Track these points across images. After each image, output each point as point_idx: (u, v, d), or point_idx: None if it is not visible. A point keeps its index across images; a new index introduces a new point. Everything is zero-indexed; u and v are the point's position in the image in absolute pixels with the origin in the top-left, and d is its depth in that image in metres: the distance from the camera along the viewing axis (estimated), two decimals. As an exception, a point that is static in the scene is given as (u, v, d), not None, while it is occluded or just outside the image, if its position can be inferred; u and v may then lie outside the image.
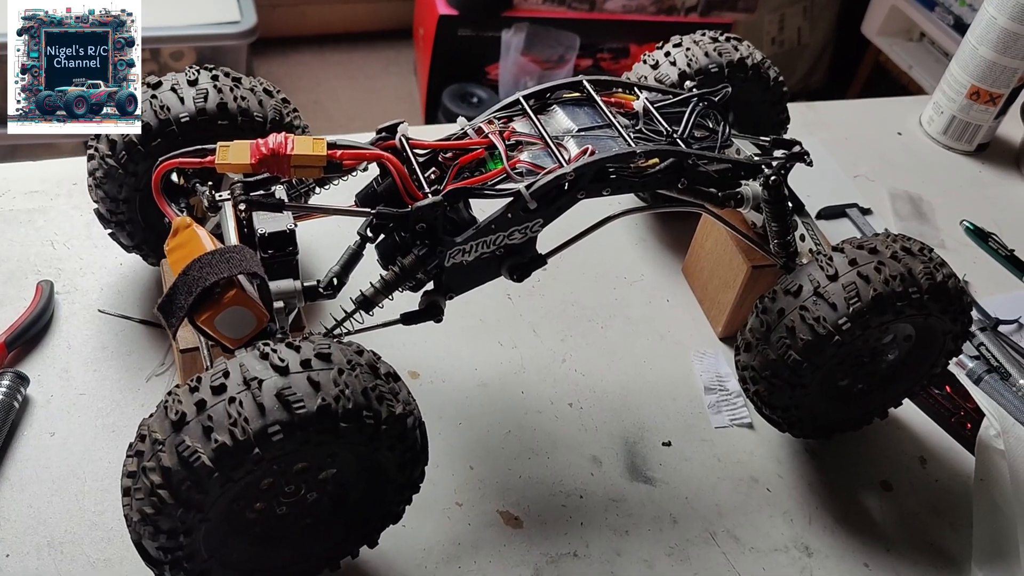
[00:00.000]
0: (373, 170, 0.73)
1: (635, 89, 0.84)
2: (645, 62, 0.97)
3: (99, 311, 0.89)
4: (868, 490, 0.87)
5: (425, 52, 2.35)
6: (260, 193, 0.70)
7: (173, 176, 0.76)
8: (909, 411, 0.93)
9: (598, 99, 0.80)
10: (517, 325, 0.95)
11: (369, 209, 0.71)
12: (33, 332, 0.84)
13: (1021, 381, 0.95)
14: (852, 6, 2.57)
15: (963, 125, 1.29)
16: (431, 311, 0.75)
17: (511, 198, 0.72)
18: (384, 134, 0.74)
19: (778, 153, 0.84)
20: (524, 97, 0.79)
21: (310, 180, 0.78)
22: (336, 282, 0.72)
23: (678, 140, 0.78)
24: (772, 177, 0.81)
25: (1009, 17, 1.18)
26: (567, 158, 0.74)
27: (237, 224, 0.70)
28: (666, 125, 0.79)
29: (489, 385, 0.89)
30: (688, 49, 0.95)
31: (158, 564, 0.60)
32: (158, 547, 0.59)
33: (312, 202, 0.81)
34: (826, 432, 0.87)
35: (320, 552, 0.68)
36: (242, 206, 0.69)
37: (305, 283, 0.71)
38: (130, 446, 0.59)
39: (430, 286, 0.75)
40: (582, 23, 2.29)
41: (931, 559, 0.82)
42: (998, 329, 1.02)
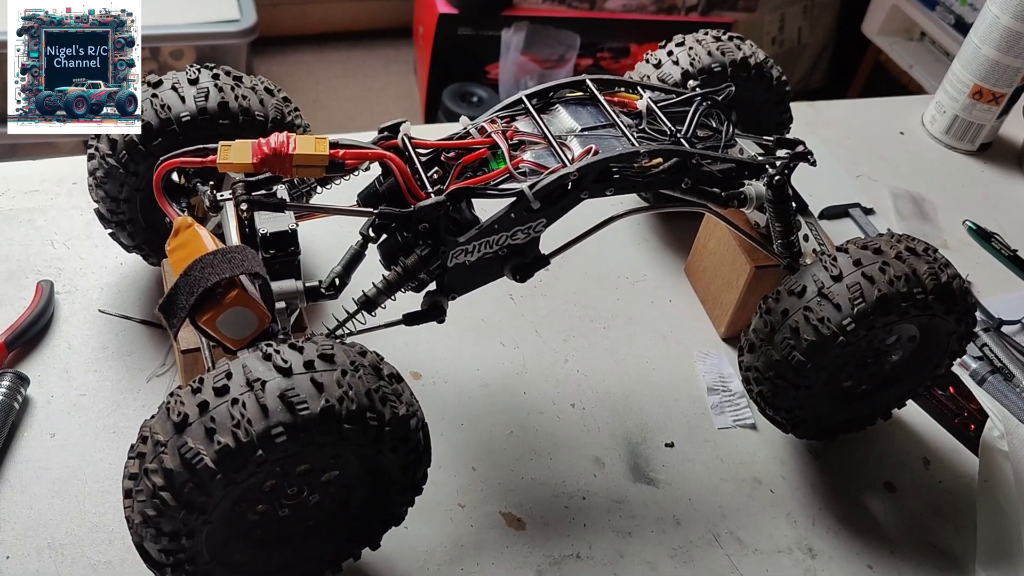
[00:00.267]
0: (375, 170, 0.73)
1: (638, 88, 0.83)
2: (648, 61, 0.97)
3: (99, 311, 0.88)
4: (872, 491, 0.87)
5: (425, 51, 2.35)
6: (262, 193, 0.70)
7: (174, 176, 0.76)
8: (913, 412, 0.93)
9: (601, 98, 0.80)
10: (519, 325, 0.95)
11: (371, 209, 0.71)
12: (33, 332, 0.84)
13: (1025, 382, 0.95)
14: (852, 5, 2.57)
15: (966, 124, 1.29)
16: (433, 312, 0.74)
17: (514, 198, 0.72)
18: (386, 133, 0.74)
19: (781, 153, 0.84)
20: (527, 96, 0.79)
21: (312, 180, 0.78)
22: (338, 282, 0.72)
23: (682, 140, 0.78)
24: (776, 177, 0.81)
25: (1012, 16, 1.17)
26: (570, 158, 0.74)
27: (239, 224, 0.69)
28: (670, 125, 0.79)
29: (491, 386, 0.89)
30: (691, 48, 0.94)
31: (160, 566, 0.60)
32: (160, 549, 0.58)
33: (314, 202, 0.80)
34: (830, 433, 0.86)
35: (322, 554, 0.68)
36: (244, 206, 0.68)
37: (307, 283, 0.70)
38: (132, 447, 0.59)
39: (432, 286, 0.75)
40: (582, 22, 2.29)
41: (935, 561, 0.82)
42: (1001, 330, 1.01)
